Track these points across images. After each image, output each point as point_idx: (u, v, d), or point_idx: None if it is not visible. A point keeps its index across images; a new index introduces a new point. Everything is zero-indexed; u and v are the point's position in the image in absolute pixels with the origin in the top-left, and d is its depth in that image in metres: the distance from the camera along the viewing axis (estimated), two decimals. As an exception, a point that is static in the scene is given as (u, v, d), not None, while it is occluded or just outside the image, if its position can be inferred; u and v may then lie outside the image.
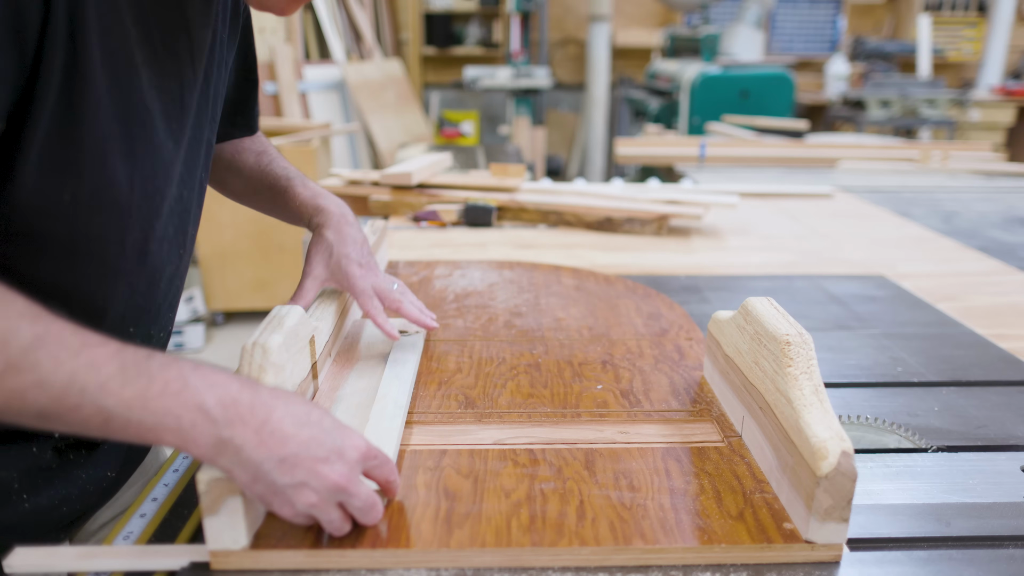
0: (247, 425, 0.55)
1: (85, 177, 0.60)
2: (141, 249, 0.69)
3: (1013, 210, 2.12)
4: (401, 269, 1.37)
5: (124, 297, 0.70)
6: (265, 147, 1.01)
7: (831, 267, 1.50)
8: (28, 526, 0.72)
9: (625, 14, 6.59)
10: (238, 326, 3.60)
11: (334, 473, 0.57)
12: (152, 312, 0.76)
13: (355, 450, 0.59)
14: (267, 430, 0.55)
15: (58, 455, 0.74)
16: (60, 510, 0.75)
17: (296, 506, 0.57)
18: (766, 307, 0.77)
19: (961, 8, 6.64)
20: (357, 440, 0.60)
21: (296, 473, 0.56)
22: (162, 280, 0.75)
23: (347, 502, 0.59)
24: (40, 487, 0.73)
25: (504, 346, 1.01)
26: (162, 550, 0.61)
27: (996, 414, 0.89)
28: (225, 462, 0.55)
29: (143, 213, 0.67)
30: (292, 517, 0.58)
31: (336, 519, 0.59)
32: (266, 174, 0.98)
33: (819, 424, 0.61)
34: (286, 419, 0.57)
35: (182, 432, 0.53)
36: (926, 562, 0.62)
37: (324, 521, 0.59)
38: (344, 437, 0.59)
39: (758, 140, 3.27)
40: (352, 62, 5.14)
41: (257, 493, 0.56)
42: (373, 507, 0.60)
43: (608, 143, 5.96)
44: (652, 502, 0.66)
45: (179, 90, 0.69)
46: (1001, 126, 5.61)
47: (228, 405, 0.55)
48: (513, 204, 1.82)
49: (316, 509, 0.57)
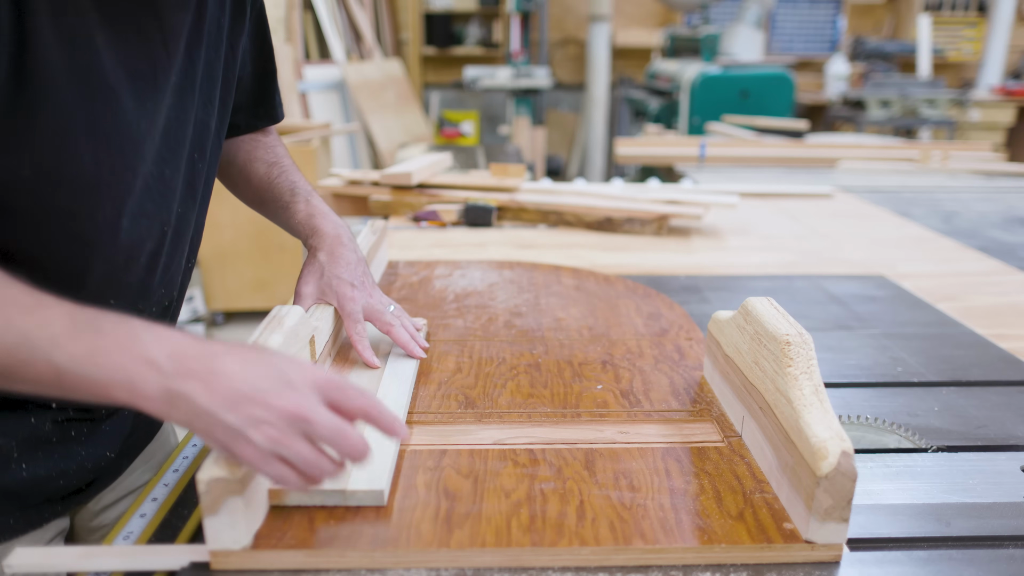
0: (196, 375, 0.54)
1: (45, 154, 0.62)
2: (113, 224, 0.70)
3: (1013, 210, 2.12)
4: (401, 269, 1.37)
5: (101, 270, 0.71)
6: (278, 157, 1.01)
7: (831, 267, 1.50)
8: (25, 493, 0.75)
9: (625, 14, 6.59)
10: (238, 326, 3.60)
11: (286, 401, 0.55)
12: (135, 287, 0.76)
13: (305, 379, 0.57)
14: (215, 377, 0.55)
15: (59, 429, 0.77)
16: (57, 482, 0.78)
17: (258, 444, 0.55)
18: (766, 307, 0.77)
19: (961, 8, 6.65)
20: (309, 370, 0.58)
21: (249, 410, 0.54)
22: (142, 255, 0.75)
23: (311, 432, 0.56)
24: (39, 458, 0.75)
25: (504, 346, 1.01)
26: (162, 550, 0.61)
27: (996, 414, 0.89)
28: (179, 415, 0.55)
29: (113, 189, 0.68)
30: (260, 461, 0.55)
31: (308, 453, 0.56)
32: (273, 187, 0.99)
33: (819, 424, 0.61)
34: (234, 363, 0.56)
35: (132, 386, 0.53)
36: (926, 562, 0.62)
37: (298, 460, 0.56)
38: (294, 368, 0.57)
39: (758, 140, 3.27)
40: (352, 62, 5.14)
41: (218, 442, 0.55)
42: (341, 434, 0.56)
43: (608, 143, 5.96)
44: (652, 502, 0.66)
45: (151, 71, 0.69)
46: (1001, 126, 5.61)
47: (177, 357, 0.54)
48: (513, 204, 1.82)
49: (280, 445, 0.55)
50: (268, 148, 1.01)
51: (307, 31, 5.09)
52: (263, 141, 1.02)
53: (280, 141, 1.04)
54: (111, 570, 0.60)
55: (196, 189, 0.82)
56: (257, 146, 1.01)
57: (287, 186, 0.98)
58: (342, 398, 0.58)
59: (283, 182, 0.99)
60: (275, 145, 1.02)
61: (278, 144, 1.03)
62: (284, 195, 0.98)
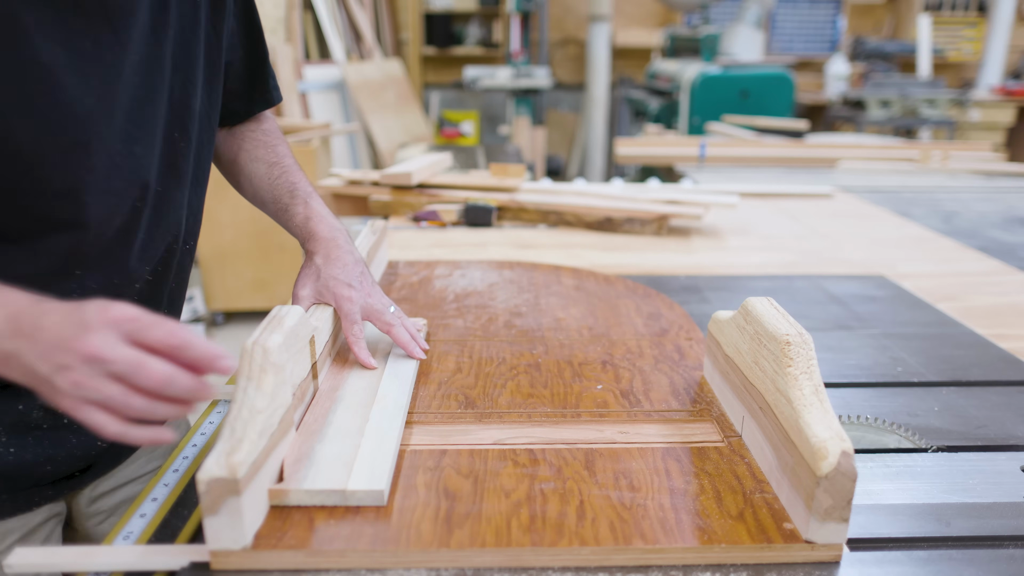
0: (24, 334, 0.57)
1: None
2: (75, 199, 0.71)
3: (1013, 210, 2.12)
4: (401, 269, 1.37)
5: (61, 242, 0.72)
6: (279, 157, 1.01)
7: (831, 267, 1.50)
8: (13, 476, 0.78)
9: (625, 14, 6.59)
10: (238, 326, 3.60)
11: (82, 344, 0.55)
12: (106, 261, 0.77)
13: (102, 318, 0.56)
14: (39, 332, 0.57)
15: (49, 416, 0.78)
16: (44, 467, 0.79)
17: (66, 390, 0.55)
18: (766, 307, 0.77)
19: (961, 8, 6.64)
20: (109, 309, 0.57)
21: (55, 358, 0.55)
22: (109, 230, 0.75)
23: (111, 371, 0.55)
24: (28, 442, 0.77)
25: (504, 346, 1.01)
26: (162, 550, 0.61)
27: (996, 414, 0.89)
28: (16, 374, 0.58)
29: (63, 165, 0.69)
30: (73, 408, 0.56)
31: (115, 393, 0.55)
32: (273, 188, 0.99)
33: (819, 424, 0.61)
34: (55, 317, 0.57)
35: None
36: (926, 562, 0.62)
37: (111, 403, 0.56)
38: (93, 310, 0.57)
39: (758, 140, 3.27)
40: (352, 62, 5.14)
41: (47, 396, 0.57)
42: (139, 367, 0.55)
43: (608, 143, 5.97)
44: (652, 502, 0.66)
45: (95, 50, 0.70)
46: (1001, 126, 5.61)
47: (12, 318, 0.58)
48: (513, 204, 1.82)
49: (84, 388, 0.55)
50: (269, 147, 1.02)
51: (307, 31, 5.09)
52: (264, 140, 1.02)
53: (282, 139, 1.04)
54: (111, 570, 0.60)
55: (180, 169, 0.82)
56: (258, 145, 1.01)
57: (287, 187, 0.99)
58: (139, 330, 0.57)
59: (283, 183, 0.99)
60: (276, 144, 1.03)
61: (280, 143, 1.03)
62: (283, 197, 0.98)
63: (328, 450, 0.70)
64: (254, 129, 1.02)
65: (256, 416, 0.62)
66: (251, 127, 1.02)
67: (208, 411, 0.89)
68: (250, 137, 1.01)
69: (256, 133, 1.02)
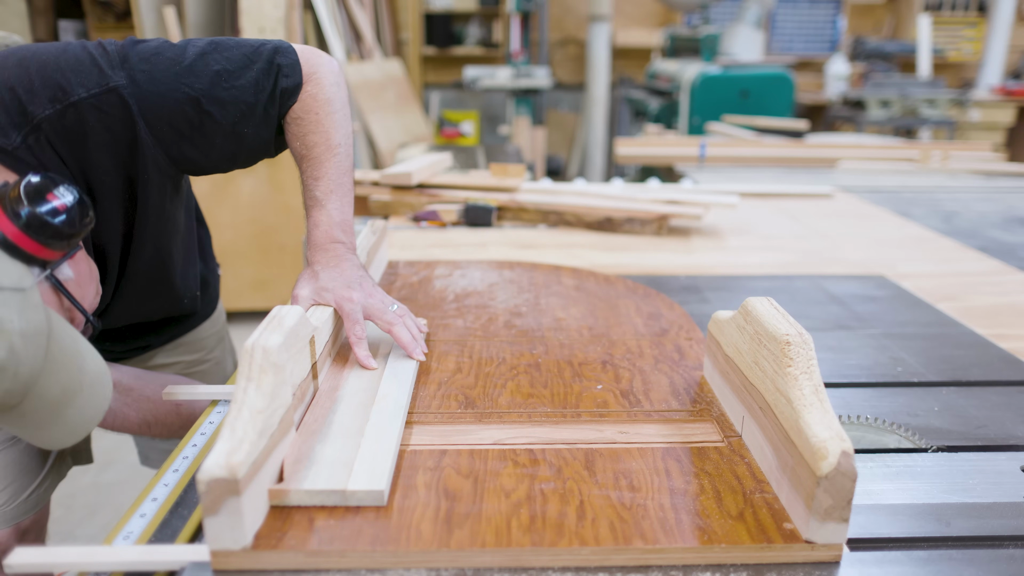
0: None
1: None
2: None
3: (1013, 210, 2.12)
4: (401, 269, 1.37)
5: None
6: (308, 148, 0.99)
7: (831, 267, 1.50)
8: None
9: (625, 14, 6.59)
10: (238, 326, 3.59)
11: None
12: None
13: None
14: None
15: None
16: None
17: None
18: (766, 307, 0.77)
19: (961, 8, 6.64)
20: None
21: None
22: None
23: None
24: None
25: (504, 346, 1.01)
26: (162, 550, 0.61)
27: (996, 414, 0.89)
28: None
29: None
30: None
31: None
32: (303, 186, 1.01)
33: (819, 424, 0.61)
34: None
35: None
36: (926, 562, 0.62)
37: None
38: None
39: (758, 140, 3.27)
40: (352, 62, 5.14)
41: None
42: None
43: (608, 143, 5.96)
44: (652, 502, 0.66)
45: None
46: (1001, 126, 5.61)
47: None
48: (513, 204, 1.82)
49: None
50: (298, 138, 0.99)
51: (307, 31, 5.09)
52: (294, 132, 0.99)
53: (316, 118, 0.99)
54: (111, 570, 0.60)
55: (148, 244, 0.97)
56: (292, 138, 0.99)
57: (308, 186, 0.99)
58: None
59: (306, 180, 1.00)
60: (307, 133, 0.99)
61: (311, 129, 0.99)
62: (306, 198, 1.00)
63: (328, 450, 0.70)
64: (289, 122, 0.99)
65: (256, 416, 0.62)
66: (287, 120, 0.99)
67: (208, 411, 0.89)
68: (288, 131, 0.99)
69: (291, 125, 0.99)
